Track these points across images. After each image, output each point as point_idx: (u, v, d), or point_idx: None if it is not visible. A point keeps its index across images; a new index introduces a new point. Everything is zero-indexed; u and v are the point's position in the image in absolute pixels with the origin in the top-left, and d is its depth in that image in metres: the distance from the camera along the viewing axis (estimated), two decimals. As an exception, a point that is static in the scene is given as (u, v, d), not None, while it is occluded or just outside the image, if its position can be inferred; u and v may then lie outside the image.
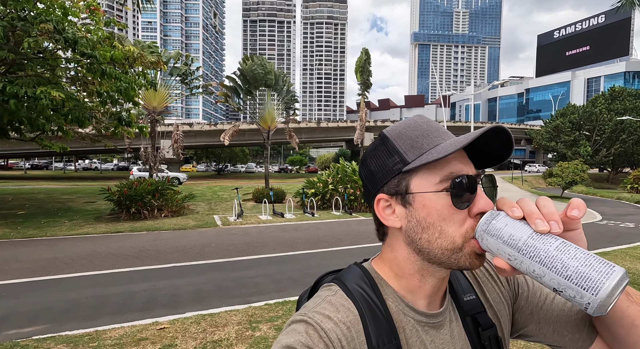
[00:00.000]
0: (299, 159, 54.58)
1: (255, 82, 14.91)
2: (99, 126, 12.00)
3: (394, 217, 0.52)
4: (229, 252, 6.82)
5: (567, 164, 19.06)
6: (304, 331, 0.48)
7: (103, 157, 58.03)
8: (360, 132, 23.10)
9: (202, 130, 35.12)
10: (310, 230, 9.23)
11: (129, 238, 8.22)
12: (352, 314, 0.51)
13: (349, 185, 13.03)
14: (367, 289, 0.54)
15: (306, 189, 13.58)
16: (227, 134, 14.87)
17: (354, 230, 9.26)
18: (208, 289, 4.79)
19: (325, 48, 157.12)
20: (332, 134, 43.34)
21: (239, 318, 3.75)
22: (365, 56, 22.29)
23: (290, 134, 17.08)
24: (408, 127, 0.53)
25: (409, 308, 0.53)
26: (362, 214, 12.08)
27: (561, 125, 33.71)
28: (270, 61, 15.42)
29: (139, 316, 3.87)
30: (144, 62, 10.08)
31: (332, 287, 0.56)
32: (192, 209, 12.84)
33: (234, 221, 10.55)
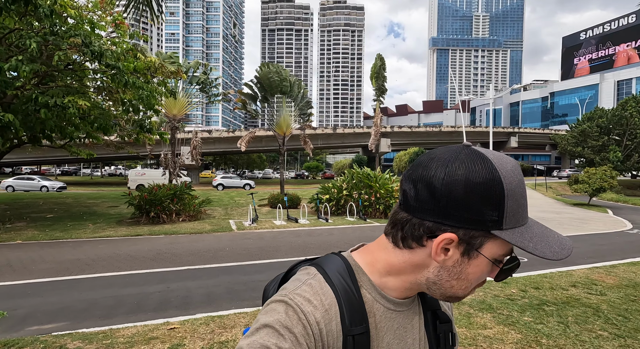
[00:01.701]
0: (315, 165, 54.77)
1: (271, 89, 15.20)
2: (122, 133, 12.54)
3: (445, 256, 0.51)
4: (242, 256, 6.91)
5: (595, 169, 18.19)
6: (283, 311, 0.50)
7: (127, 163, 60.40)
8: (375, 138, 23.00)
9: (221, 137, 35.95)
10: (323, 236, 9.22)
11: (148, 241, 8.48)
12: (330, 298, 0.54)
13: (364, 191, 12.95)
14: (344, 276, 0.57)
15: (320, 194, 13.60)
16: (243, 141, 15.18)
17: (367, 236, 9.18)
18: (219, 291, 4.87)
19: (342, 55, 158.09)
20: (349, 140, 43.30)
21: (247, 320, 3.79)
22: (380, 62, 22.29)
23: (305, 140, 17.22)
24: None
25: (380, 295, 0.57)
26: (377, 220, 11.95)
27: (588, 129, 32.31)
28: (285, 69, 15.70)
29: (151, 316, 3.98)
30: (164, 72, 10.51)
31: (310, 270, 0.58)
32: (208, 213, 13.12)
33: (248, 225, 10.69)
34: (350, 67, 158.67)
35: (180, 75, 11.35)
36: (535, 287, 4.87)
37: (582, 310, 4.00)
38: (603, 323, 3.66)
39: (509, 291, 4.72)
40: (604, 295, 4.54)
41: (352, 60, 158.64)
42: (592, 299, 4.38)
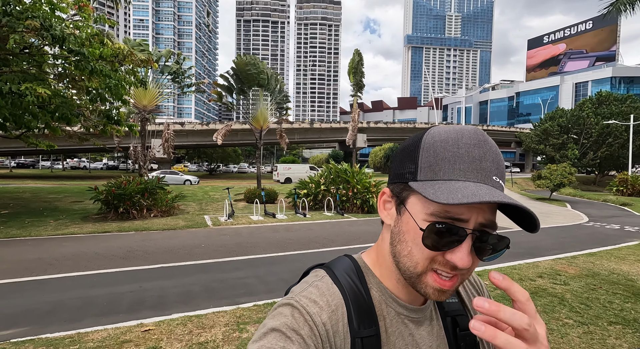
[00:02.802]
0: (291, 159, 54.46)
1: (248, 82, 14.81)
2: (87, 124, 11.79)
3: (388, 214, 0.55)
4: (219, 253, 6.74)
5: (556, 166, 19.39)
6: (289, 314, 0.50)
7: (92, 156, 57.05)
8: (353, 133, 23.14)
9: (194, 129, 34.79)
10: (301, 231, 9.19)
11: (117, 238, 8.07)
12: (337, 299, 0.53)
13: (341, 186, 13.03)
14: (353, 277, 0.56)
15: (298, 189, 13.54)
16: (219, 134, 14.74)
17: (345, 231, 9.25)
18: (196, 290, 4.71)
19: (319, 49, 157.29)
20: (325, 135, 43.35)
21: (227, 319, 3.70)
22: (358, 58, 22.36)
23: (281, 135, 17.01)
24: (445, 141, 0.48)
25: (391, 299, 0.56)
26: (354, 215, 12.08)
27: (550, 128, 34.33)
28: (263, 61, 15.34)
29: (124, 318, 3.78)
30: (134, 60, 9.93)
31: (318, 272, 0.58)
32: (182, 209, 12.69)
33: (224, 221, 10.44)
34: (327, 62, 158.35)
35: (151, 64, 10.78)
36: (505, 278, 5.12)
37: (549, 300, 4.24)
38: (568, 311, 3.91)
39: (482, 283, 4.92)
40: (567, 285, 4.85)
41: (328, 55, 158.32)
42: (557, 289, 4.66)
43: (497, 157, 0.48)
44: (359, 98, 23.02)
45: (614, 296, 4.42)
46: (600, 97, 35.00)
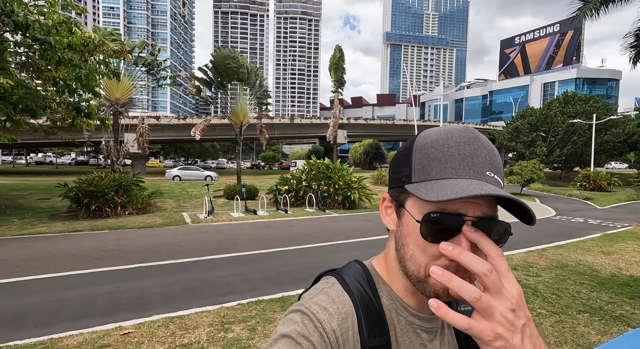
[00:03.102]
0: (271, 155, 53.97)
1: (227, 76, 14.46)
2: (54, 116, 11.13)
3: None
4: (199, 251, 6.59)
5: (526, 163, 20.33)
6: (300, 320, 0.50)
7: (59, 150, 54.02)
8: (333, 129, 23.20)
9: (170, 124, 33.68)
10: (283, 227, 9.14)
11: (90, 238, 7.70)
12: (347, 306, 0.52)
13: (323, 182, 13.05)
14: (363, 284, 0.55)
15: (279, 185, 13.44)
16: (198, 129, 14.33)
17: (327, 227, 9.29)
18: (177, 290, 4.59)
19: (299, 44, 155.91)
20: (306, 131, 43.22)
21: (211, 319, 3.63)
22: (339, 54, 22.34)
23: (261, 130, 16.78)
24: (436, 142, 0.49)
25: (402, 307, 0.55)
26: (336, 211, 12.15)
27: (521, 126, 35.86)
28: (242, 55, 15.02)
29: (100, 321, 3.63)
30: (105, 50, 9.44)
31: (329, 279, 0.58)
32: (159, 206, 12.29)
33: (204, 218, 10.21)
34: (307, 57, 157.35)
35: (124, 55, 10.30)
36: (483, 271, 5.32)
37: (523, 291, 4.45)
38: (541, 301, 4.12)
39: (461, 276, 5.10)
40: (539, 276, 5.11)
41: (308, 50, 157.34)
42: (531, 281, 4.90)
43: (490, 153, 0.48)
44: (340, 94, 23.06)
45: (581, 286, 4.70)
46: (566, 97, 36.86)
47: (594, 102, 34.98)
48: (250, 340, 3.16)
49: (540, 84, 75.09)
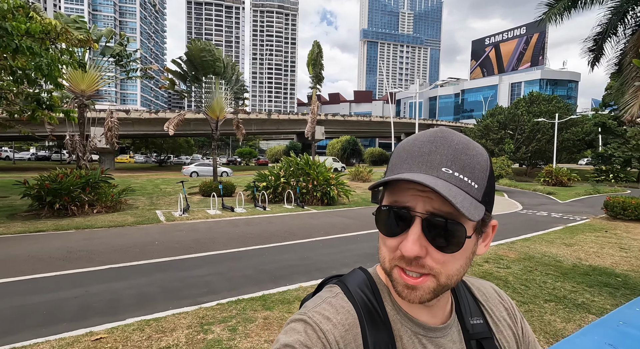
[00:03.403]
0: (248, 151, 53.11)
1: (203, 69, 13.99)
2: (11, 108, 10.33)
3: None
4: (175, 250, 6.38)
5: (495, 159, 21.27)
6: (302, 330, 0.49)
7: (16, 144, 50.34)
8: (312, 125, 23.15)
9: (141, 118, 32.27)
10: (262, 224, 9.04)
11: (54, 238, 7.26)
12: (351, 317, 0.51)
13: (302, 178, 13.01)
14: (368, 294, 0.54)
15: (257, 182, 13.26)
16: (172, 123, 13.80)
17: (306, 223, 9.28)
18: (152, 291, 4.42)
19: (276, 38, 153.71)
20: (283, 126, 42.85)
21: (189, 320, 3.53)
22: (317, 49, 22.25)
23: (238, 125, 16.46)
24: (407, 143, 0.51)
25: (407, 318, 0.53)
26: (314, 207, 12.16)
27: (490, 124, 37.43)
28: (219, 48, 14.59)
29: (69, 327, 3.43)
30: (69, 38, 8.85)
31: (333, 288, 0.56)
32: (130, 204, 11.78)
33: (179, 216, 9.90)
34: (284, 52, 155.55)
35: (91, 44, 9.70)
36: (457, 264, 5.53)
37: (495, 283, 4.66)
38: (511, 292, 4.34)
39: (438, 269, 5.27)
40: (509, 268, 5.37)
41: (285, 45, 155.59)
42: (502, 272, 5.14)
43: (453, 151, 0.47)
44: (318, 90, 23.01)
45: (547, 277, 4.99)
46: (532, 97, 38.81)
47: (556, 102, 37.08)
48: (231, 341, 3.11)
49: (508, 84, 78.62)
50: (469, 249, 0.48)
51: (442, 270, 0.46)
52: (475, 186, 0.46)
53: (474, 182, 0.46)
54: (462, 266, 0.48)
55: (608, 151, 28.67)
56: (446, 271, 0.47)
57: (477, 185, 0.47)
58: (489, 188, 0.48)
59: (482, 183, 0.47)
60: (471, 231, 0.47)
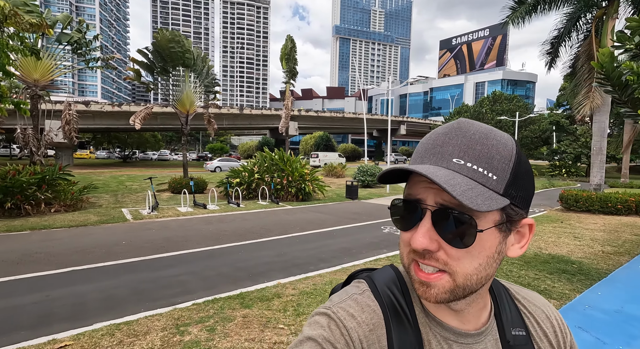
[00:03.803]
0: (219, 146, 51.71)
1: (171, 61, 13.34)
2: (-49, 98, 9.30)
3: None
4: (145, 249, 6.08)
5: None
6: (326, 325, 0.47)
7: (-42, 139, 45.59)
8: (286, 121, 22.93)
9: (103, 111, 30.36)
10: (236, 221, 8.84)
11: (6, 240, 6.67)
12: (376, 317, 0.49)
13: (276, 174, 12.87)
14: (396, 293, 0.51)
15: (230, 178, 12.95)
16: (138, 117, 13.07)
17: (282, 220, 9.21)
18: (122, 293, 4.19)
19: (247, 31, 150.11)
20: (256, 122, 42.11)
21: (163, 322, 3.38)
22: (291, 44, 21.97)
23: (209, 120, 15.95)
24: (425, 137, 0.50)
25: (435, 321, 0.50)
26: (289, 203, 12.09)
27: (458, 122, 39.13)
28: (188, 39, 13.97)
29: (28, 335, 3.16)
30: (19, 22, 8.11)
31: (360, 285, 0.54)
32: (92, 202, 11.09)
33: (147, 214, 9.45)
34: (255, 46, 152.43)
35: (45, 29, 8.95)
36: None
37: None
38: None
39: (413, 262, 5.43)
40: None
41: (257, 38, 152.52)
42: (472, 262, 5.39)
43: (468, 141, 0.45)
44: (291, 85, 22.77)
45: (512, 266, 5.30)
46: (495, 96, 40.92)
47: (517, 101, 39.34)
48: (210, 341, 3.01)
49: (473, 83, 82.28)
50: (488, 248, 0.45)
51: (457, 268, 0.44)
52: (493, 177, 0.43)
53: (491, 173, 0.43)
54: (481, 265, 0.44)
55: (561, 148, 30.92)
56: (462, 269, 0.44)
57: (496, 176, 0.43)
58: (515, 179, 0.44)
59: (504, 174, 0.44)
60: (489, 225, 0.44)
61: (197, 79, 14.80)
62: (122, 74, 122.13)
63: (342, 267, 5.20)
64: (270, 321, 3.39)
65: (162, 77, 14.01)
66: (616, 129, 28.84)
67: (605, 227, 8.40)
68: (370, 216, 9.88)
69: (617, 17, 12.49)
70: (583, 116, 19.11)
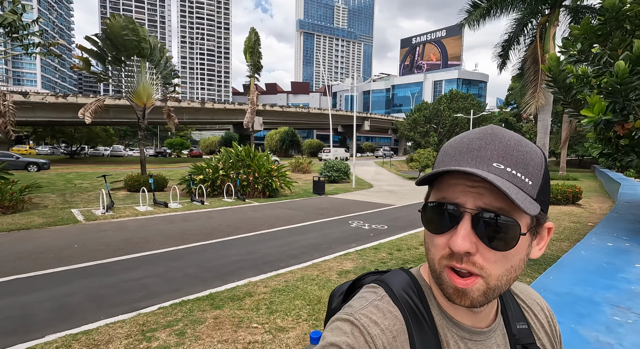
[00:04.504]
0: (179, 142, 49.31)
1: (125, 50, 12.38)
2: None
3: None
4: (101, 252, 5.67)
5: (423, 151, 23.24)
6: (350, 331, 0.47)
7: None
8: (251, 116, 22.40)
9: (45, 102, 27.61)
10: (201, 220, 8.53)
11: None
12: (399, 323, 0.49)
13: (242, 170, 12.57)
14: (414, 297, 0.52)
15: (194, 175, 12.43)
16: (88, 110, 12.02)
17: (249, 217, 9.03)
18: (77, 301, 3.87)
19: (207, 22, 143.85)
20: (219, 116, 40.70)
21: (127, 329, 3.18)
22: (255, 37, 21.41)
23: (169, 114, 15.15)
24: (454, 141, 0.50)
25: (452, 322, 0.52)
26: (256, 200, 11.89)
27: (418, 118, 40.66)
28: (144, 27, 13.06)
29: (-33, 354, 2.83)
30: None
31: (377, 290, 0.54)
32: (36, 203, 10.10)
33: (102, 214, 8.80)
34: (216, 37, 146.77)
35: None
36: (397, 249, 5.94)
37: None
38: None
39: (381, 256, 5.59)
40: (441, 248, 5.95)
41: (218, 30, 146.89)
42: (435, 252, 5.68)
43: (505, 147, 0.45)
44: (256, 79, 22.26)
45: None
46: (452, 94, 43.15)
47: (471, 99, 41.80)
48: (180, 346, 2.89)
49: (431, 82, 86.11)
50: (522, 250, 0.46)
51: (492, 271, 0.45)
52: (529, 183, 0.45)
53: (528, 179, 0.45)
54: (513, 267, 0.46)
55: (510, 144, 33.36)
56: (496, 271, 0.45)
57: (532, 182, 0.45)
58: (544, 186, 0.46)
59: (537, 181, 0.46)
60: (526, 229, 0.45)
61: (155, 70, 13.94)
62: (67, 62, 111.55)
63: (312, 263, 5.23)
64: (243, 320, 3.33)
65: (114, 67, 12.99)
66: (555, 126, 31.78)
67: (548, 216, 9.25)
68: (337, 211, 10.02)
69: (557, 24, 13.71)
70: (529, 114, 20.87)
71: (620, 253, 2.91)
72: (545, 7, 13.96)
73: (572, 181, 18.78)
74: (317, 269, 4.87)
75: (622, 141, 3.30)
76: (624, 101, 2.96)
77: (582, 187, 11.85)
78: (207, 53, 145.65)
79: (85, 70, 12.17)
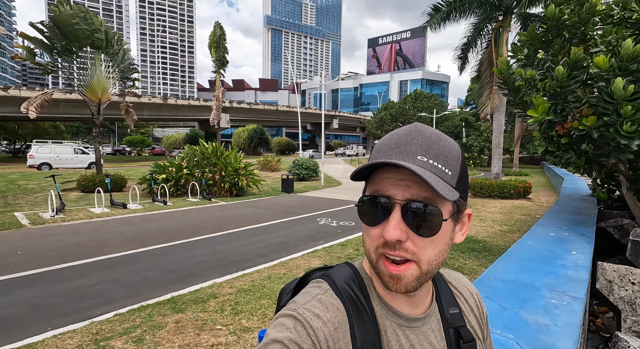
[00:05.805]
0: (140, 139, 46.79)
1: (77, 40, 11.45)
2: None
3: None
4: (49, 258, 5.24)
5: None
6: (292, 326, 0.48)
7: None
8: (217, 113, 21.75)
9: (-18, 95, 24.97)
10: (164, 221, 8.16)
11: None
12: (340, 315, 0.51)
13: (208, 169, 12.18)
14: (355, 289, 0.54)
15: (155, 174, 11.85)
16: (33, 104, 10.99)
17: (216, 217, 8.78)
18: (20, 312, 3.55)
19: (169, 14, 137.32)
20: (183, 113, 39.10)
21: (79, 339, 2.97)
22: (220, 31, 20.76)
23: (128, 110, 14.31)
24: (385, 138, 0.53)
25: (391, 311, 0.55)
26: (223, 199, 11.58)
27: (385, 117, 41.77)
28: (98, 16, 12.17)
29: None
30: None
31: (321, 284, 0.56)
32: (-28, 207, 9.12)
33: (51, 218, 8.13)
34: (179, 30, 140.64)
35: None
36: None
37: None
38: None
39: (348, 252, 5.68)
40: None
41: (181, 22, 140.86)
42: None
43: (427, 141, 0.49)
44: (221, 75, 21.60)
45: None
46: (416, 94, 44.76)
47: (434, 99, 43.60)
48: (137, 353, 2.75)
49: (397, 81, 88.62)
50: (446, 235, 0.50)
51: (422, 256, 0.48)
52: (449, 173, 0.49)
53: (447, 169, 0.49)
54: (440, 251, 0.50)
55: (469, 142, 35.35)
56: (426, 256, 0.48)
57: (451, 172, 0.49)
58: (462, 176, 0.51)
59: (455, 171, 0.50)
60: (447, 215, 0.50)
61: (111, 63, 13.08)
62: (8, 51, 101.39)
63: (280, 261, 5.20)
64: (207, 323, 3.24)
65: (64, 58, 12.01)
66: (509, 126, 34.06)
67: (502, 209, 9.90)
68: (306, 208, 10.03)
69: (509, 30, 14.66)
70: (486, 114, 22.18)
71: (560, 242, 3.19)
72: (499, 13, 14.85)
73: (523, 177, 20.23)
74: (285, 268, 4.85)
75: (562, 139, 3.61)
76: (563, 102, 3.23)
77: (532, 183, 12.79)
78: (170, 47, 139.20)
79: (29, 61, 11.12)
